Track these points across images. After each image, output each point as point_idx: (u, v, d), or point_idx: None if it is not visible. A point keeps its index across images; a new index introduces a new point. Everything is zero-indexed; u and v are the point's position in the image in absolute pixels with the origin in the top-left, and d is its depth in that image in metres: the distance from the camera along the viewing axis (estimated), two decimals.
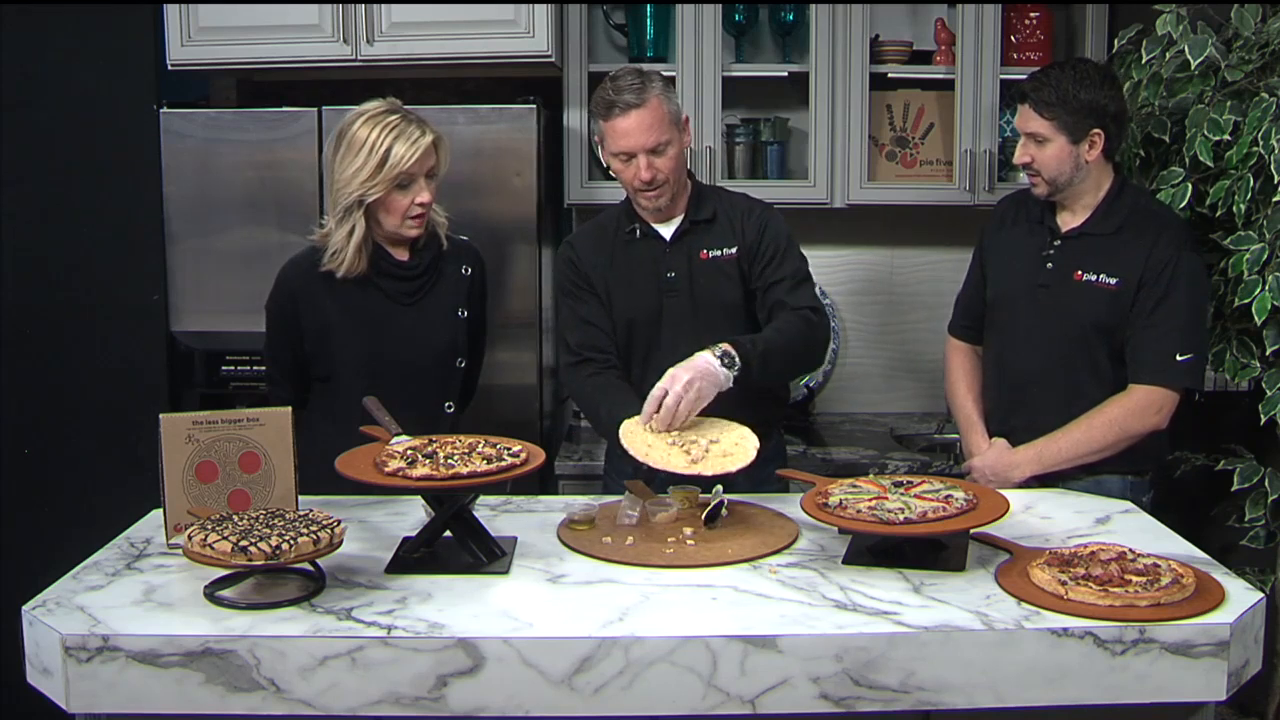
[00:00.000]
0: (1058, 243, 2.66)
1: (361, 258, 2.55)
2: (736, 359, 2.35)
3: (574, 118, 3.50)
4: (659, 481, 2.35)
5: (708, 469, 2.19)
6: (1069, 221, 2.67)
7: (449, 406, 2.66)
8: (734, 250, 2.63)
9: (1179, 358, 2.53)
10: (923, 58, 3.62)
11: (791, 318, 2.54)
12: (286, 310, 2.62)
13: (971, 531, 2.05)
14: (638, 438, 2.29)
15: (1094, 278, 2.59)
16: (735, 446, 2.26)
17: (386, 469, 2.03)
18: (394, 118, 2.52)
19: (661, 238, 2.65)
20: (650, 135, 2.50)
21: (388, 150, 2.49)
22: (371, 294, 2.59)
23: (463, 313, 2.68)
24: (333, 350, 2.60)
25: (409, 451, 2.09)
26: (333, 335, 2.59)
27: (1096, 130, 2.57)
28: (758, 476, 2.53)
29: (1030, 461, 2.60)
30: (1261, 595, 1.88)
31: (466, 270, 2.71)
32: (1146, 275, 2.55)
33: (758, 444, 2.27)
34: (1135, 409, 2.55)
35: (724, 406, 2.37)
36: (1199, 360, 2.58)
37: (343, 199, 2.52)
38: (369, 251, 2.57)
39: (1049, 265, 2.65)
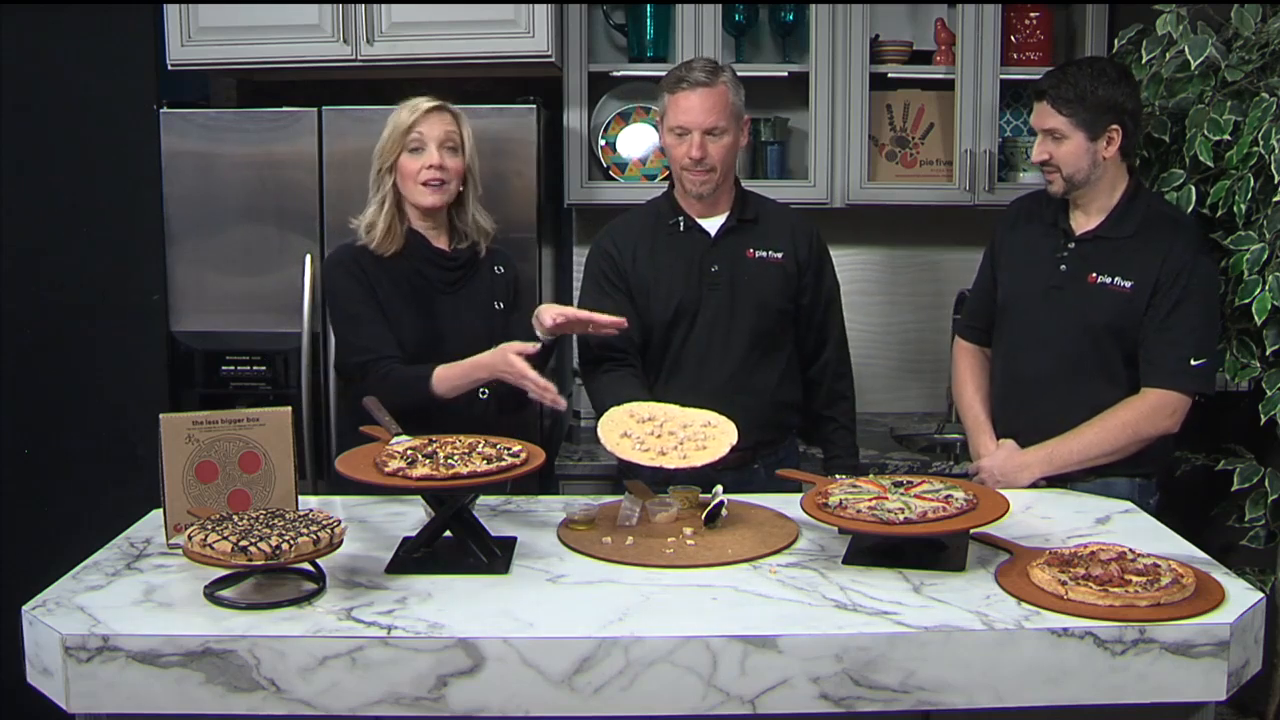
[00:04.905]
0: (1071, 245, 2.65)
1: (394, 234, 2.65)
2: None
3: (574, 118, 3.50)
4: (659, 481, 2.35)
5: (670, 463, 2.20)
6: (1083, 224, 2.66)
7: (484, 393, 2.67)
8: (780, 254, 2.71)
9: (1193, 362, 2.53)
10: (923, 58, 3.62)
11: (847, 405, 2.88)
12: (358, 277, 2.64)
13: (971, 531, 2.05)
14: (614, 429, 2.29)
15: (1108, 280, 2.58)
16: (710, 441, 2.26)
17: (386, 469, 2.03)
18: (414, 97, 2.68)
19: (706, 231, 2.69)
20: (710, 116, 2.58)
21: (396, 116, 2.66)
22: (416, 278, 2.67)
23: (499, 304, 2.74)
24: (390, 327, 2.63)
25: (409, 451, 2.09)
26: (388, 311, 2.63)
27: (1114, 126, 2.57)
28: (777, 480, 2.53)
29: (1041, 463, 2.59)
30: (1261, 595, 1.88)
31: (500, 269, 2.78)
32: (1162, 279, 2.54)
33: (734, 439, 2.27)
34: (1148, 412, 2.55)
35: (749, 415, 2.44)
36: (1211, 365, 2.58)
37: (373, 173, 2.68)
38: (402, 230, 2.67)
39: (1062, 267, 2.65)
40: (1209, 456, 3.15)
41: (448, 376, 2.52)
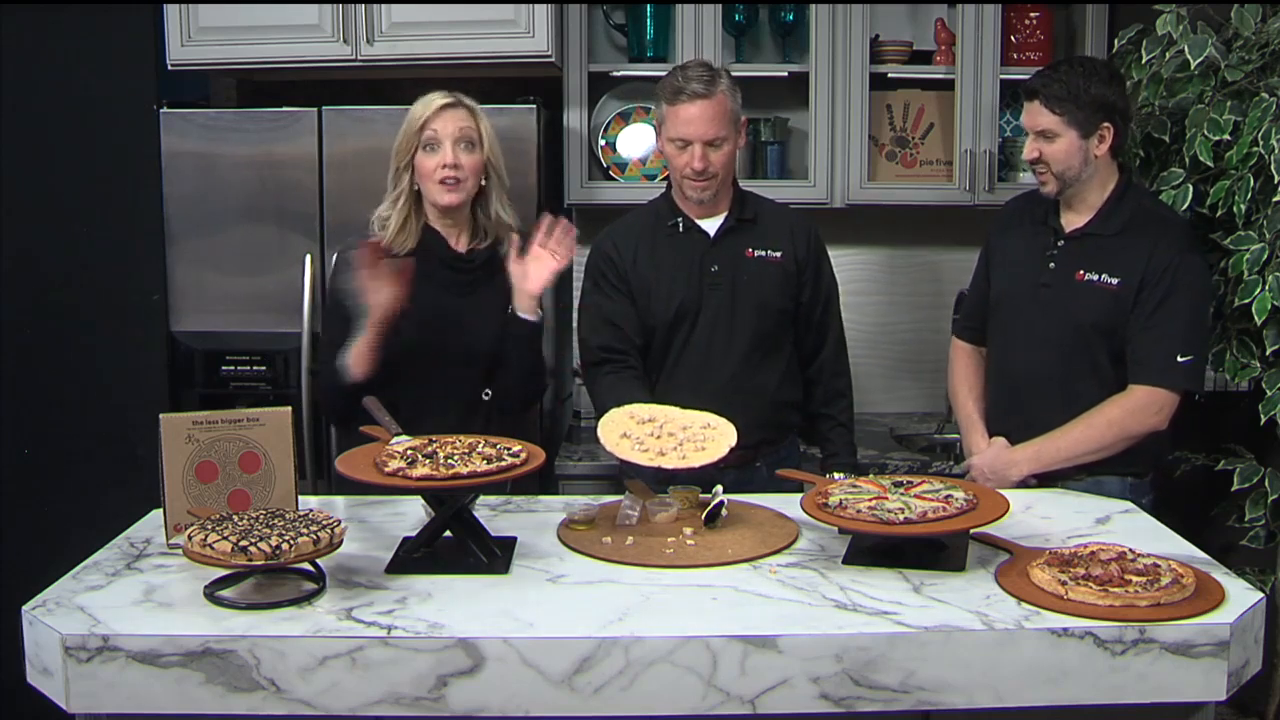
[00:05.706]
0: (1061, 243, 2.66)
1: (408, 230, 2.64)
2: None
3: (574, 118, 3.50)
4: (659, 481, 2.35)
5: (669, 464, 2.19)
6: (1073, 221, 2.66)
7: (486, 394, 2.67)
8: (779, 254, 2.73)
9: (1179, 359, 2.53)
10: (923, 58, 3.62)
11: (845, 404, 2.86)
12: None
13: (971, 531, 2.05)
14: (613, 430, 2.29)
15: (1095, 278, 2.59)
16: (709, 442, 2.25)
17: (386, 469, 2.03)
18: (431, 93, 2.67)
19: (705, 232, 2.70)
20: (710, 128, 2.59)
21: (411, 112, 2.63)
22: (427, 281, 2.63)
23: (512, 309, 2.70)
24: (389, 331, 2.61)
25: (409, 451, 2.09)
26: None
27: (1106, 124, 2.57)
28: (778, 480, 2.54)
29: (1028, 460, 2.60)
30: (1261, 595, 1.88)
31: None
32: (1148, 276, 2.55)
33: (733, 441, 2.26)
34: (1134, 409, 2.55)
35: (750, 415, 2.46)
36: (1199, 362, 2.57)
37: (391, 171, 2.66)
38: (417, 227, 2.65)
39: (1051, 265, 2.65)
40: (1209, 456, 3.16)
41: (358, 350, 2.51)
